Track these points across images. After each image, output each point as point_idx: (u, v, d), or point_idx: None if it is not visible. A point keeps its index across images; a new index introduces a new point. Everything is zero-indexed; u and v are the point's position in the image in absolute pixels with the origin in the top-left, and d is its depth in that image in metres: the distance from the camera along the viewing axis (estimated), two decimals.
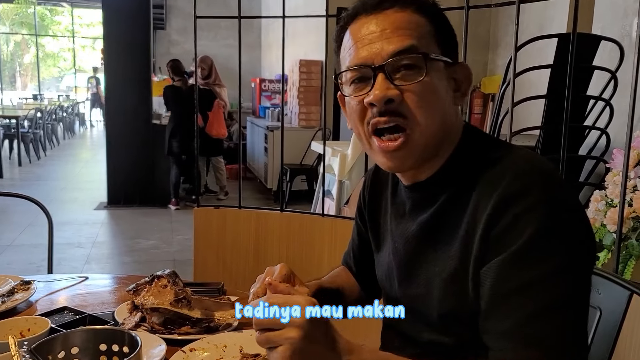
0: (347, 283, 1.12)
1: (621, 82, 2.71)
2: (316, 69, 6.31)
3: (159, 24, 8.81)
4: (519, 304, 0.72)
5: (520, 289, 0.72)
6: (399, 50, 0.80)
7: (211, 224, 2.36)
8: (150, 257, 4.33)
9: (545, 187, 0.75)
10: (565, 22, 4.16)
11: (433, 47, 0.82)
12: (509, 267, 0.73)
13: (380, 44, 0.81)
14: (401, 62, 0.80)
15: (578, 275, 0.73)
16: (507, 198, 0.75)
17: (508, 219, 0.74)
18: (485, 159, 0.82)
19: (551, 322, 0.71)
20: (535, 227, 0.72)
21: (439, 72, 0.82)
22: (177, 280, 1.12)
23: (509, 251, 0.73)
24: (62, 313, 1.19)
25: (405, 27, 0.81)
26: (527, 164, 0.78)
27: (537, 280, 0.72)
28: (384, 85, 0.80)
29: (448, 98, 0.84)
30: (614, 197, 1.88)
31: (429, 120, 0.81)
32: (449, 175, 0.85)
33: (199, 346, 1.00)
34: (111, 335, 0.84)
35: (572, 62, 1.66)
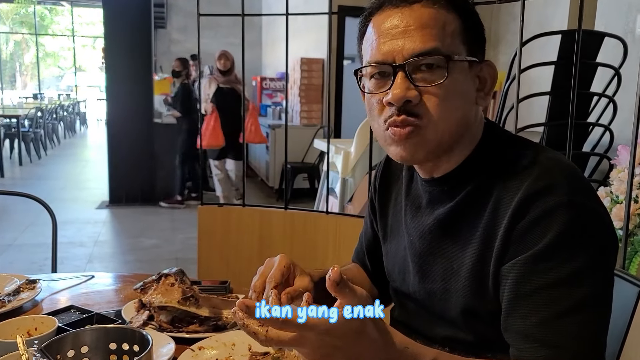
0: (357, 277, 1.11)
1: (624, 79, 2.70)
2: (317, 67, 6.31)
3: (159, 22, 8.80)
4: (541, 303, 0.72)
5: (543, 288, 0.72)
6: (421, 52, 0.78)
7: (215, 222, 2.36)
8: (153, 256, 4.32)
9: (571, 186, 0.74)
10: (566, 20, 4.16)
11: (458, 47, 0.80)
12: (532, 266, 0.73)
13: (403, 42, 0.78)
14: (422, 62, 0.78)
15: (600, 278, 0.73)
16: (532, 196, 0.74)
17: (532, 217, 0.73)
18: (508, 157, 0.81)
19: (571, 323, 0.70)
20: (560, 228, 0.72)
21: (462, 72, 0.80)
22: (185, 278, 1.12)
23: (532, 250, 0.73)
24: (69, 312, 1.18)
25: (430, 26, 0.78)
26: (552, 162, 0.77)
27: (559, 281, 0.71)
28: (404, 85, 0.78)
29: (470, 98, 0.83)
30: (619, 193, 1.88)
31: (445, 120, 0.80)
32: (469, 172, 0.84)
33: (208, 344, 1.00)
34: (121, 333, 0.83)
35: (577, 59, 1.65)
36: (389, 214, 1.01)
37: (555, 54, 2.68)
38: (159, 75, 8.01)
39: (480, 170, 0.83)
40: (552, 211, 0.72)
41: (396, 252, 0.98)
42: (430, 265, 0.88)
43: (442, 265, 0.86)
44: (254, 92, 8.01)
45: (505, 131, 0.89)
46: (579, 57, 1.70)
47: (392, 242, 1.00)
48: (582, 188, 0.75)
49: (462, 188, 0.84)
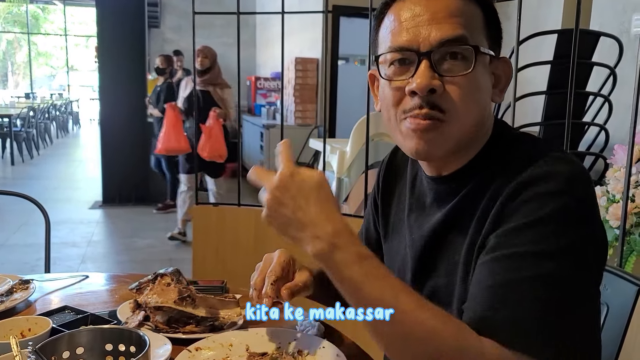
0: None
1: (620, 78, 2.72)
2: (312, 66, 6.30)
3: (153, 22, 8.76)
4: (500, 268, 0.69)
5: (508, 256, 0.69)
6: (449, 39, 0.75)
7: (210, 222, 2.34)
8: (147, 256, 4.30)
9: (568, 179, 0.71)
10: (559, 20, 4.17)
11: (482, 40, 0.79)
12: (508, 235, 0.71)
13: (429, 29, 0.76)
14: (449, 52, 0.76)
15: (579, 271, 0.69)
16: (529, 180, 0.72)
17: (525, 197, 0.71)
18: (513, 153, 0.79)
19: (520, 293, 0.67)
20: (546, 211, 0.69)
21: (484, 67, 0.79)
22: (181, 278, 1.10)
23: (512, 224, 0.71)
24: (63, 312, 1.16)
25: (457, 15, 0.76)
26: (556, 154, 0.75)
27: (526, 253, 0.68)
28: (428, 74, 0.76)
29: (488, 93, 0.81)
30: (615, 192, 1.88)
31: (467, 116, 0.78)
32: (475, 171, 0.82)
33: (205, 345, 0.98)
34: (118, 334, 0.82)
35: (574, 58, 1.65)
36: (392, 212, 1.00)
37: (549, 54, 2.69)
38: (152, 75, 7.97)
39: (485, 168, 0.81)
40: (545, 195, 0.70)
41: (397, 251, 0.96)
42: (435, 261, 0.87)
43: (447, 259, 0.84)
44: (248, 92, 7.99)
45: (514, 129, 0.87)
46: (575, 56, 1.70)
47: (393, 240, 0.98)
48: (581, 183, 0.72)
49: (467, 185, 0.82)
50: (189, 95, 4.35)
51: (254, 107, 7.80)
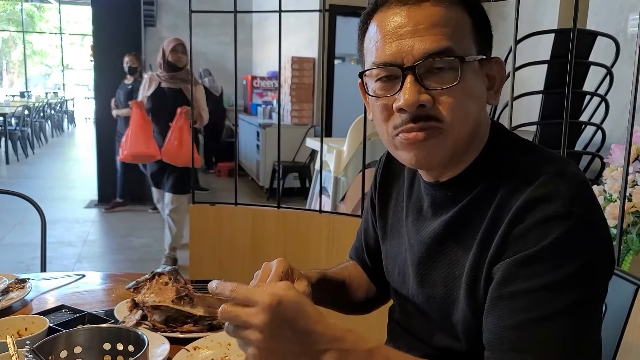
0: (355, 276, 1.09)
1: (616, 78, 2.72)
2: (308, 65, 6.29)
3: (149, 20, 8.72)
4: (520, 306, 0.69)
5: (524, 292, 0.69)
6: (433, 52, 0.73)
7: (207, 221, 2.34)
8: (143, 255, 4.28)
9: (572, 197, 0.70)
10: (556, 19, 4.18)
11: (470, 46, 0.76)
12: (518, 268, 0.70)
13: (412, 41, 0.73)
14: (434, 65, 0.74)
15: (587, 289, 0.69)
16: (531, 203, 0.71)
17: (528, 223, 0.71)
18: (513, 162, 0.78)
19: (546, 331, 0.67)
20: (554, 236, 0.69)
21: (474, 72, 0.77)
22: (179, 277, 1.10)
23: (522, 254, 0.70)
24: (60, 312, 1.16)
25: (441, 24, 0.74)
26: (556, 169, 0.74)
27: (542, 286, 0.68)
28: (415, 89, 0.73)
29: (482, 98, 0.80)
30: (612, 192, 1.88)
31: (463, 125, 0.76)
32: (474, 178, 0.81)
33: (203, 344, 0.98)
34: (116, 333, 0.81)
35: (572, 57, 1.65)
36: (389, 214, 0.99)
37: (545, 54, 2.70)
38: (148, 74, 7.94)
39: (485, 175, 0.80)
40: (549, 219, 0.69)
41: (396, 253, 0.96)
42: (431, 270, 0.86)
43: (444, 270, 0.83)
44: (244, 91, 7.98)
45: (511, 133, 0.86)
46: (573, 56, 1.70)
47: (392, 242, 0.98)
48: (583, 199, 0.72)
49: (467, 193, 0.81)
50: (152, 93, 3.75)
51: (250, 107, 7.78)
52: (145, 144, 3.73)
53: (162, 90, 3.74)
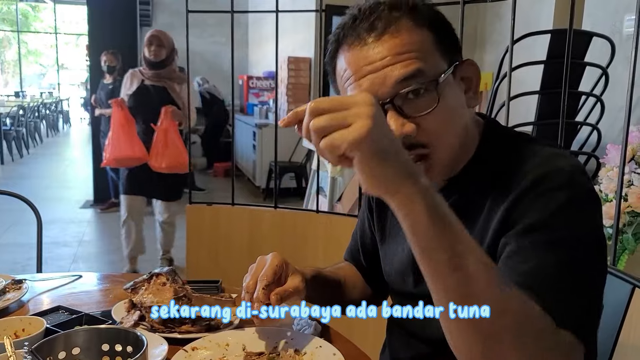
0: (350, 276, 1.10)
1: (611, 78, 2.73)
2: (305, 66, 6.29)
3: (144, 20, 8.70)
4: (531, 256, 0.69)
5: (535, 245, 0.70)
6: (405, 77, 0.73)
7: (204, 221, 2.33)
8: None
9: (572, 172, 0.73)
10: (551, 19, 4.19)
11: (438, 61, 0.76)
12: (527, 233, 0.71)
13: (383, 73, 0.74)
14: (408, 90, 0.74)
15: (591, 253, 0.71)
16: (532, 182, 0.73)
17: (531, 198, 0.72)
18: (509, 154, 0.80)
19: (559, 278, 0.68)
20: (559, 202, 0.71)
21: (449, 86, 0.77)
22: (177, 277, 1.10)
23: (530, 220, 0.71)
24: (57, 312, 1.15)
25: (406, 51, 0.74)
26: (552, 153, 0.77)
27: (552, 242, 0.69)
28: (398, 122, 0.74)
29: (463, 106, 0.80)
30: (608, 191, 1.89)
31: (450, 142, 0.78)
32: (471, 175, 0.83)
33: (201, 345, 0.98)
34: (114, 334, 0.81)
35: (568, 58, 1.66)
36: (388, 215, 0.99)
37: (541, 54, 2.71)
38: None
39: (482, 172, 0.82)
40: (554, 189, 0.71)
41: (395, 253, 0.96)
42: None
43: None
44: (240, 91, 7.97)
45: (505, 128, 0.88)
46: (568, 57, 1.71)
47: (390, 243, 0.98)
48: (582, 172, 0.75)
49: (464, 192, 0.83)
50: (135, 91, 3.44)
51: (246, 107, 7.77)
52: (130, 146, 3.35)
53: (145, 88, 3.44)
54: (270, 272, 0.87)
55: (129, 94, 3.46)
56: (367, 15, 0.75)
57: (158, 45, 3.38)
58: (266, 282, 0.87)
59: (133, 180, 3.52)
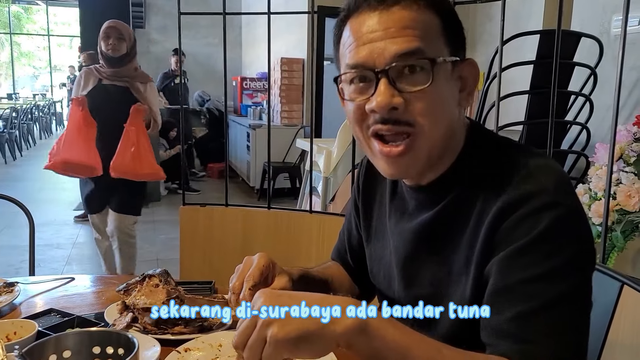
0: (337, 276, 1.10)
1: (600, 78, 2.76)
2: (298, 67, 6.29)
3: (137, 22, 8.68)
4: (517, 299, 0.70)
5: (520, 283, 0.70)
6: (404, 52, 0.74)
7: (197, 222, 2.33)
8: None
9: (556, 188, 0.73)
10: (541, 20, 4.22)
11: (441, 48, 0.77)
12: (511, 261, 0.72)
13: (384, 44, 0.74)
14: (406, 66, 0.74)
15: (579, 277, 0.72)
16: (516, 199, 0.73)
17: (517, 217, 0.72)
18: (494, 160, 0.79)
19: (547, 320, 0.69)
20: (544, 226, 0.70)
21: (446, 75, 0.77)
22: (169, 279, 1.10)
23: (514, 245, 0.72)
24: (49, 315, 1.16)
25: (411, 27, 0.74)
26: (538, 166, 0.76)
27: (537, 277, 0.70)
28: (388, 92, 0.74)
29: (454, 101, 0.80)
30: (597, 190, 1.91)
31: (435, 128, 0.77)
32: (455, 178, 0.82)
33: (194, 346, 0.98)
34: (105, 337, 0.82)
35: (557, 58, 1.67)
36: (374, 216, 0.99)
37: (530, 55, 2.73)
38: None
39: (467, 175, 0.81)
40: (537, 211, 0.71)
41: (381, 255, 0.96)
42: (417, 270, 0.87)
43: (430, 270, 0.84)
44: (234, 92, 7.97)
45: (490, 132, 0.87)
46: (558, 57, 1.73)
47: (376, 244, 0.98)
48: (567, 189, 0.74)
49: (449, 194, 0.82)
50: (91, 91, 2.98)
51: (240, 108, 7.77)
52: (85, 152, 2.83)
53: (103, 88, 2.96)
54: (257, 272, 0.87)
55: (83, 95, 2.95)
56: None
57: (117, 38, 2.90)
58: (252, 282, 0.86)
59: (94, 198, 3.11)
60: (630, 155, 1.92)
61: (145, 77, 3.07)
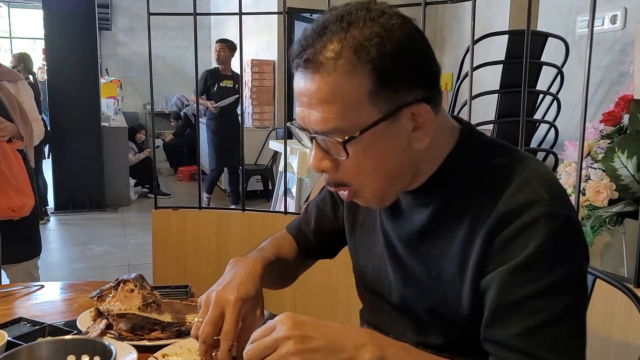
0: (289, 252, 1.10)
1: (566, 77, 2.83)
2: (268, 68, 6.27)
3: (103, 24, 8.52)
4: (523, 314, 0.71)
5: (525, 299, 0.71)
6: (321, 132, 0.73)
7: (170, 226, 2.30)
8: (103, 262, 4.17)
9: (551, 197, 0.72)
10: (507, 22, 4.32)
11: (367, 113, 0.71)
12: (514, 277, 0.72)
13: (309, 112, 0.73)
14: (321, 140, 0.74)
15: (579, 286, 0.73)
16: (513, 210, 0.72)
17: (513, 228, 0.72)
18: (484, 165, 0.79)
19: (553, 334, 0.69)
20: (542, 238, 0.70)
21: (376, 135, 0.72)
22: (145, 283, 1.08)
23: (514, 261, 0.71)
24: (18, 324, 1.11)
25: (329, 100, 0.70)
26: (531, 172, 0.75)
27: (541, 292, 0.70)
28: (317, 156, 0.76)
29: (397, 150, 0.76)
30: (567, 186, 1.95)
31: (374, 182, 0.77)
32: (443, 181, 0.81)
33: (172, 351, 0.96)
34: (80, 344, 0.79)
35: (527, 58, 1.70)
36: (360, 207, 0.97)
37: (497, 55, 2.78)
38: (105, 78, 7.77)
39: (458, 176, 0.80)
40: (534, 222, 0.71)
41: (370, 249, 0.96)
42: (408, 270, 0.86)
43: (420, 271, 0.84)
44: None
45: (481, 134, 0.85)
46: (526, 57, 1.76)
47: (364, 237, 0.97)
48: (561, 198, 0.74)
49: (437, 196, 0.81)
50: None
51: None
52: None
53: None
54: (234, 328, 0.82)
55: None
56: (311, 43, 0.72)
57: None
58: (231, 342, 0.82)
59: None
60: (597, 152, 1.97)
61: (14, 75, 2.49)
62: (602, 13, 2.77)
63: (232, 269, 0.92)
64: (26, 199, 2.18)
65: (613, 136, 2.02)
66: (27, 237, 2.37)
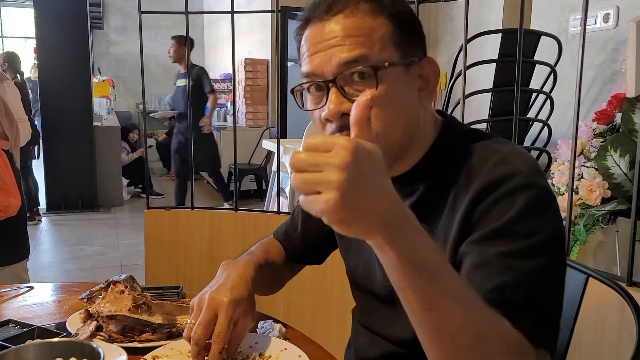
0: (277, 257, 1.10)
1: (559, 76, 2.84)
2: (262, 67, 6.26)
3: (95, 23, 8.48)
4: (495, 272, 0.70)
5: (498, 257, 0.71)
6: (347, 61, 0.75)
7: (162, 226, 2.28)
8: (96, 263, 4.15)
9: (529, 170, 0.75)
10: (500, 20, 4.33)
11: (390, 52, 0.77)
12: (490, 240, 0.72)
13: (330, 53, 0.76)
14: (353, 73, 0.76)
15: (555, 256, 0.73)
16: (491, 182, 0.74)
17: (491, 199, 0.73)
18: (465, 150, 0.80)
19: (525, 292, 0.69)
20: (519, 206, 0.71)
21: (397, 78, 0.78)
22: (135, 285, 1.07)
23: (491, 226, 0.72)
24: (7, 326, 1.10)
25: (355, 34, 0.76)
26: (509, 151, 0.78)
27: (515, 252, 0.70)
28: (337, 100, 0.76)
29: (411, 101, 0.81)
30: (560, 185, 1.96)
31: (389, 130, 0.78)
32: (427, 169, 0.83)
33: (162, 353, 0.95)
34: (69, 347, 0.78)
35: (520, 56, 1.70)
36: None
37: (491, 54, 2.79)
38: (97, 78, 7.73)
39: (439, 165, 0.82)
40: (512, 192, 0.72)
41: (360, 248, 0.96)
42: None
43: None
44: None
45: (462, 125, 0.89)
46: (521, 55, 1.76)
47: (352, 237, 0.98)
48: (539, 172, 0.76)
49: (422, 185, 0.84)
50: None
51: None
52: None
53: None
54: (226, 331, 0.82)
55: None
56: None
57: None
58: (223, 344, 0.82)
59: None
60: (590, 151, 1.97)
61: (1, 77, 2.51)
62: (595, 12, 2.77)
63: (224, 272, 0.93)
64: (12, 198, 2.12)
65: (606, 135, 2.02)
66: (14, 240, 2.33)
